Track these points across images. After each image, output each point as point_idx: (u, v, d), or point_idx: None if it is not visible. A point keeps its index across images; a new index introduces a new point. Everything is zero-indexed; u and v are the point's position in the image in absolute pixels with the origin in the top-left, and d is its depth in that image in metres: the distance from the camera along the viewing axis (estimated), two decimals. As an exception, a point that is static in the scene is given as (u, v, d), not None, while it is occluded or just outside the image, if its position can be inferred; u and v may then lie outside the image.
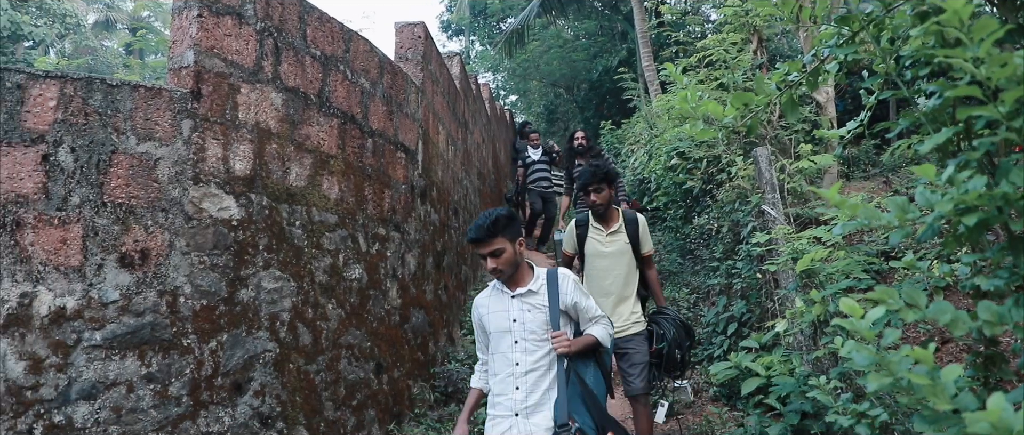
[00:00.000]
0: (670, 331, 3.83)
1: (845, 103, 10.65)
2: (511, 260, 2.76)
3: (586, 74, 18.74)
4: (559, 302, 2.77)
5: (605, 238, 3.99)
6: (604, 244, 3.98)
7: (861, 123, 2.49)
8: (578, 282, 2.86)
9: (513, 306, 2.80)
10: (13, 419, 2.71)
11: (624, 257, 3.93)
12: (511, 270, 2.78)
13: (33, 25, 18.66)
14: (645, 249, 4.00)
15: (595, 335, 2.82)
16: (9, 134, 2.85)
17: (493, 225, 2.70)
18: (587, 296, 2.89)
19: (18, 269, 2.81)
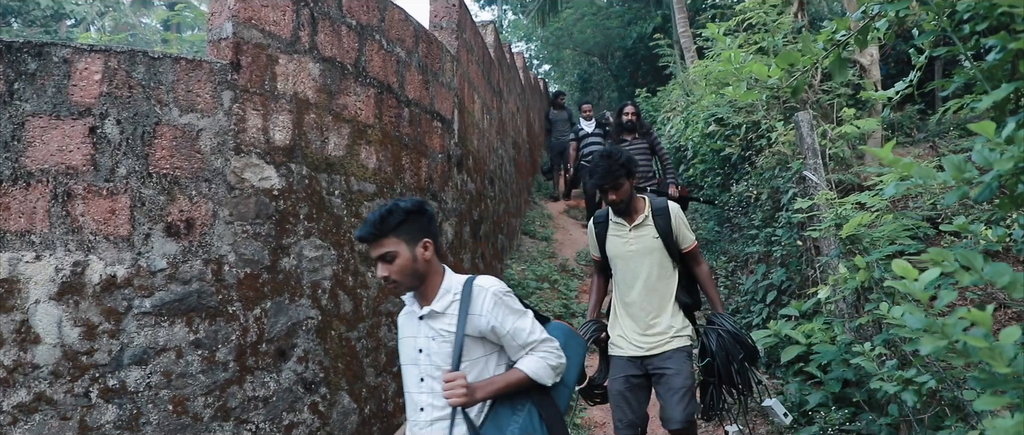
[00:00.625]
0: (714, 342, 3.21)
1: (887, 67, 10.35)
2: (408, 268, 2.09)
3: (620, 41, 18.48)
4: (466, 326, 2.08)
5: (628, 234, 3.31)
6: (627, 241, 3.30)
7: (910, 83, 2.42)
8: (502, 296, 2.15)
9: (421, 331, 2.17)
10: (70, 383, 2.82)
11: (653, 255, 3.26)
12: (410, 281, 2.12)
13: (74, 3, 18.99)
14: (684, 243, 3.32)
15: (524, 371, 2.14)
16: (58, 108, 2.92)
17: (382, 221, 2.07)
18: (519, 314, 2.17)
19: (70, 239, 2.89)
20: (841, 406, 3.62)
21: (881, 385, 2.48)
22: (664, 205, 3.30)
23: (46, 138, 2.90)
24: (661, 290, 3.26)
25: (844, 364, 3.61)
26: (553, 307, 6.30)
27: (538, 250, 8.37)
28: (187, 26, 23.95)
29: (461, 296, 2.13)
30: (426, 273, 2.14)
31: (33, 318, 2.83)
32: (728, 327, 3.23)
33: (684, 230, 3.31)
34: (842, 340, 3.65)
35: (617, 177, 3.17)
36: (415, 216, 2.12)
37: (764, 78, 1.99)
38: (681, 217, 3.31)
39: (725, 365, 3.17)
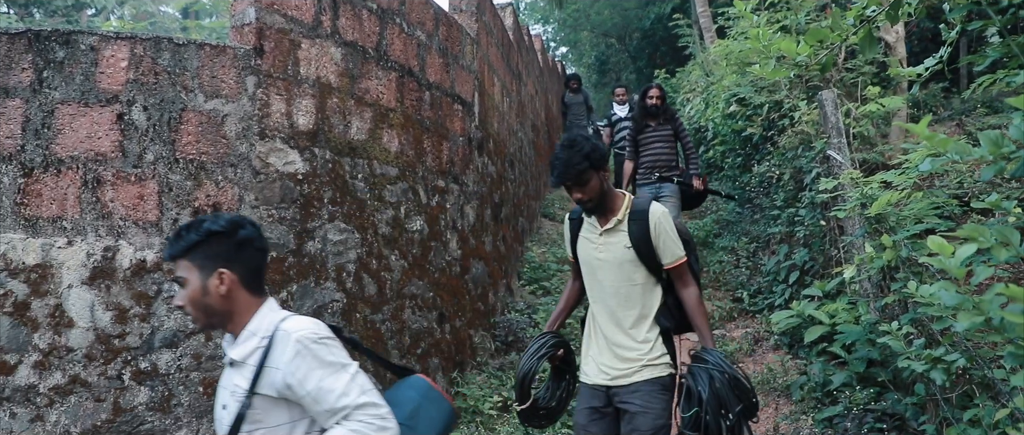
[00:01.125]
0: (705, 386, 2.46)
1: (911, 45, 10.18)
2: (196, 301, 1.66)
3: (638, 22, 18.32)
4: (259, 382, 1.62)
5: (598, 238, 2.71)
6: (597, 247, 2.71)
7: (940, 59, 2.38)
8: (309, 344, 1.61)
9: (228, 382, 1.73)
10: (104, 365, 2.88)
11: (623, 268, 2.65)
12: (200, 317, 1.69)
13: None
14: (667, 258, 2.64)
15: None
16: (86, 95, 2.96)
17: (176, 239, 1.67)
18: (332, 369, 1.63)
19: (101, 224, 2.94)
20: (866, 386, 3.60)
21: (909, 364, 2.46)
22: (645, 208, 2.65)
23: (75, 125, 2.95)
24: (633, 309, 2.67)
25: (869, 344, 3.59)
26: (574, 289, 6.31)
27: (558, 232, 8.37)
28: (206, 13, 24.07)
29: (267, 342, 1.64)
30: (224, 310, 1.67)
31: (66, 302, 2.88)
32: (725, 368, 2.50)
33: (667, 241, 2.64)
34: (867, 320, 3.62)
35: (580, 171, 2.57)
36: (217, 239, 1.66)
37: (792, 55, 1.97)
38: (665, 225, 2.64)
39: (715, 419, 2.44)
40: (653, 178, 6.29)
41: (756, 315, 5.63)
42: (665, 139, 6.41)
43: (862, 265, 3.37)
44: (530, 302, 5.85)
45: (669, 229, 2.65)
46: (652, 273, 2.68)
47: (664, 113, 6.42)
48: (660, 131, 6.42)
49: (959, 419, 2.60)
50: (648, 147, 6.42)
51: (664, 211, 2.67)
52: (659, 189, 6.29)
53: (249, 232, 1.71)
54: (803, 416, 3.85)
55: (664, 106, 6.44)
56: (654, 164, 6.29)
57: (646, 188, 6.37)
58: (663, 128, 6.43)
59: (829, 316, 3.61)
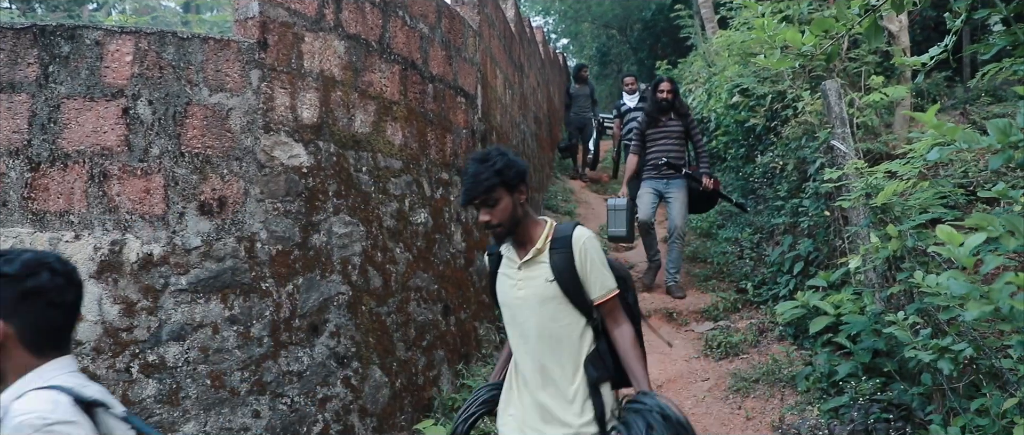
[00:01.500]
0: (639, 429, 2.05)
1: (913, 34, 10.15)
2: None
3: (639, 13, 18.29)
4: None
5: (516, 273, 2.27)
6: (515, 284, 2.27)
7: (945, 48, 2.37)
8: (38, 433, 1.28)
9: None
10: (112, 358, 2.89)
11: (546, 307, 2.21)
12: None
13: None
14: (596, 291, 2.22)
15: None
16: (91, 89, 2.96)
17: None
18: None
19: (107, 218, 2.95)
20: (871, 376, 3.61)
21: (915, 354, 2.47)
22: (568, 233, 2.23)
23: (81, 120, 2.95)
24: (563, 358, 2.24)
25: (874, 334, 3.60)
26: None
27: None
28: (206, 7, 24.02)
29: None
30: None
31: (74, 296, 2.89)
32: (667, 412, 2.08)
33: (596, 271, 2.22)
34: (872, 310, 3.63)
35: (489, 188, 2.15)
36: (2, 283, 1.40)
37: (797, 45, 1.97)
38: (592, 252, 2.22)
39: None
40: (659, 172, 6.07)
41: (760, 306, 5.64)
42: (674, 135, 6.16)
43: (867, 255, 3.37)
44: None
45: (597, 256, 2.24)
46: (582, 312, 2.24)
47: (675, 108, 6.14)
48: (669, 126, 6.15)
49: (966, 409, 2.61)
50: (655, 143, 6.18)
51: (590, 236, 2.25)
52: (666, 185, 6.08)
53: (42, 281, 1.42)
54: (809, 407, 3.86)
55: (675, 100, 6.16)
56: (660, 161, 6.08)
57: (650, 183, 6.14)
58: (673, 123, 6.16)
59: (834, 306, 3.61)
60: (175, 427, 2.93)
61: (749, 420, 4.05)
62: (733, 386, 4.44)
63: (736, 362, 4.85)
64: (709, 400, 4.39)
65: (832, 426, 3.45)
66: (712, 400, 4.39)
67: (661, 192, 6.18)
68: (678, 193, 6.10)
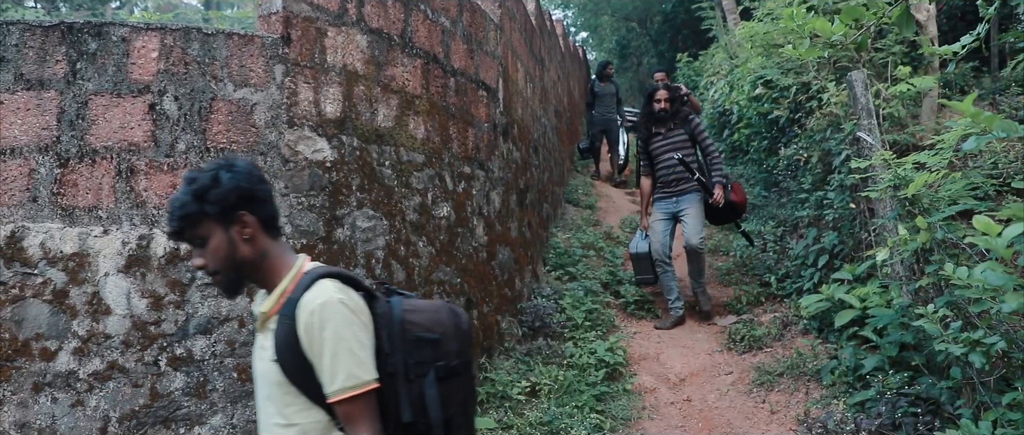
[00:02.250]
0: None
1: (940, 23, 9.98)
2: None
3: (659, 6, 18.14)
4: None
5: (259, 337, 1.69)
6: (258, 352, 1.69)
7: (977, 37, 2.33)
8: None
9: None
10: (141, 351, 2.93)
11: (273, 398, 1.63)
12: None
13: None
14: (330, 384, 1.53)
15: None
16: (118, 86, 3.00)
17: None
18: None
19: (135, 213, 2.99)
20: (899, 370, 3.57)
21: (945, 347, 2.43)
22: (297, 296, 1.57)
23: (108, 116, 2.99)
24: None
25: (902, 327, 3.55)
26: (600, 274, 6.31)
27: (582, 218, 8.36)
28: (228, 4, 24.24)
29: None
30: None
31: (103, 290, 2.94)
32: None
33: (328, 358, 1.52)
34: (899, 303, 3.59)
35: (189, 219, 1.58)
36: None
37: (827, 34, 1.94)
38: (325, 328, 1.52)
39: None
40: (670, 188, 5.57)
41: (784, 300, 5.59)
42: (680, 146, 5.59)
43: (895, 247, 3.32)
44: (556, 288, 5.85)
45: (333, 332, 1.52)
46: (325, 410, 1.59)
47: (675, 117, 5.65)
48: (672, 137, 5.62)
49: (997, 403, 2.56)
50: (661, 158, 5.63)
51: (329, 301, 1.54)
52: (677, 202, 5.58)
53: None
54: (834, 400, 3.82)
55: (675, 109, 5.67)
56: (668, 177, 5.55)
57: (661, 206, 5.63)
58: (675, 133, 5.63)
59: (860, 300, 3.57)
60: (203, 419, 2.97)
61: (773, 414, 4.02)
62: (757, 380, 4.41)
63: (760, 355, 4.82)
64: (733, 393, 4.37)
65: (858, 420, 3.42)
66: (736, 393, 4.36)
67: (673, 212, 5.63)
68: (691, 208, 5.51)
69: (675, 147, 5.56)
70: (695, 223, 5.51)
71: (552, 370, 4.41)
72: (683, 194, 5.55)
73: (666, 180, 5.61)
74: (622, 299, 5.94)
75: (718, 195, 5.43)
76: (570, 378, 4.33)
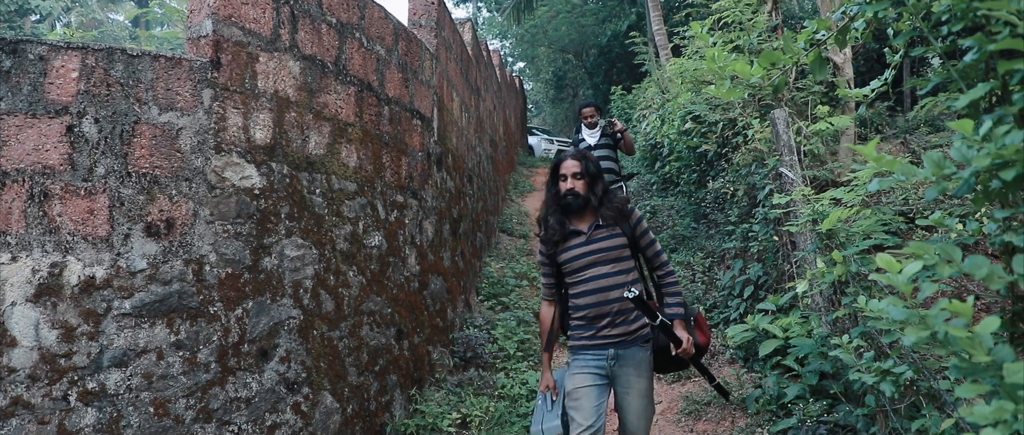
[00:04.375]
0: None
1: (857, 64, 10.56)
2: None
3: (595, 39, 18.59)
4: None
5: None
6: None
7: (885, 82, 2.47)
8: None
9: None
10: (49, 386, 2.77)
11: None
12: None
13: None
14: None
15: None
16: (33, 106, 2.87)
17: None
18: None
19: (47, 239, 2.85)
20: (818, 398, 3.69)
21: (859, 376, 2.53)
22: None
23: (22, 137, 2.86)
24: None
25: (821, 357, 3.68)
26: (532, 304, 6.33)
27: (516, 247, 8.40)
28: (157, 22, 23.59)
29: None
30: None
31: (9, 321, 2.78)
32: None
33: None
34: (819, 333, 3.72)
35: None
36: None
37: (746, 77, 2.03)
38: None
39: None
40: (603, 336, 2.90)
41: (712, 329, 5.72)
42: (614, 254, 2.97)
43: (814, 280, 3.45)
44: (489, 318, 5.84)
45: None
46: None
47: (606, 205, 3.00)
48: (600, 239, 2.97)
49: (908, 429, 2.68)
50: (581, 276, 2.95)
51: None
52: (615, 360, 2.91)
53: None
54: (759, 429, 3.92)
55: (601, 191, 3.03)
56: (601, 310, 2.91)
57: (589, 357, 2.94)
58: (604, 232, 2.98)
59: (783, 330, 3.68)
60: (115, 457, 2.83)
61: (701, 443, 4.09)
62: (685, 409, 4.48)
63: (688, 385, 4.91)
64: (661, 423, 4.43)
65: (781, 448, 3.50)
66: (665, 423, 4.42)
67: (606, 373, 2.94)
68: (636, 379, 2.93)
69: (609, 257, 2.95)
70: (641, 406, 2.95)
71: (483, 401, 4.38)
72: (626, 345, 2.96)
73: (596, 315, 2.95)
74: (555, 328, 5.97)
75: (686, 343, 2.89)
76: (501, 409, 4.31)
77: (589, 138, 6.80)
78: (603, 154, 6.58)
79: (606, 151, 6.64)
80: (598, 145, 6.65)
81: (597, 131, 6.75)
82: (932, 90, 2.21)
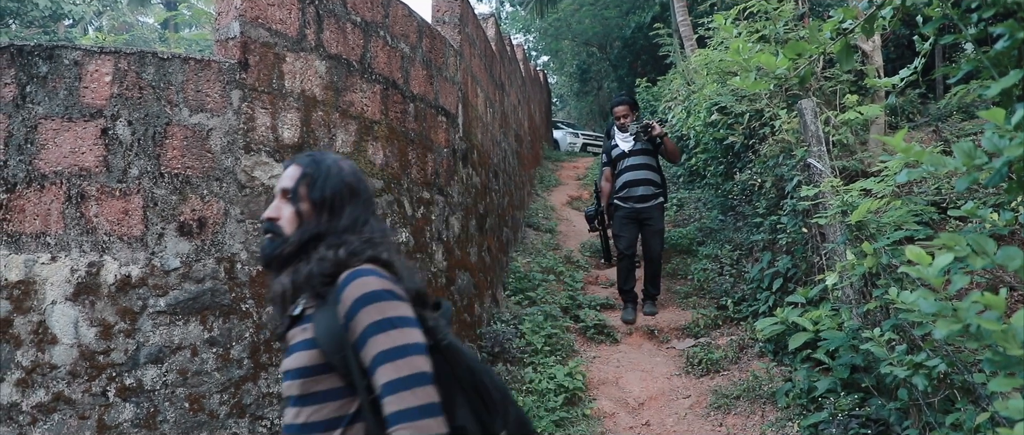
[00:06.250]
0: None
1: (887, 51, 10.37)
2: None
3: (619, 31, 18.48)
4: None
5: None
6: None
7: (915, 70, 2.44)
8: None
9: None
10: (88, 382, 2.85)
11: None
12: None
13: (73, 4, 18.97)
14: None
15: None
16: (69, 110, 2.94)
17: None
18: None
19: (85, 240, 2.92)
20: (850, 392, 3.65)
21: (891, 370, 2.51)
22: None
23: (59, 140, 2.93)
24: None
25: (852, 350, 3.64)
26: (560, 299, 6.34)
27: (542, 242, 8.40)
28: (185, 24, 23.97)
29: None
30: None
31: (50, 319, 2.86)
32: None
33: None
34: (850, 326, 3.67)
35: None
36: None
37: (772, 68, 2.01)
38: None
39: None
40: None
41: (741, 322, 5.68)
42: (298, 392, 1.51)
43: (844, 272, 3.42)
44: (516, 312, 5.86)
45: None
46: None
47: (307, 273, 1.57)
48: (292, 351, 1.58)
49: (941, 423, 2.64)
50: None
51: None
52: None
53: None
54: (789, 423, 3.89)
55: (312, 236, 1.61)
56: None
57: None
58: (300, 333, 1.56)
59: (813, 322, 3.64)
60: (153, 451, 2.90)
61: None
62: (714, 403, 4.46)
63: (717, 379, 4.88)
64: (690, 417, 4.41)
65: (812, 442, 3.48)
66: (693, 417, 4.41)
67: None
68: None
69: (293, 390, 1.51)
70: None
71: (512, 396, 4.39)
72: None
73: None
74: (581, 323, 5.97)
75: None
76: (529, 404, 4.33)
77: (622, 143, 6.03)
78: (641, 162, 5.89)
79: (644, 159, 5.90)
80: (634, 150, 5.93)
81: (631, 135, 5.99)
82: (963, 77, 2.17)
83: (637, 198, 5.88)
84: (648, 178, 5.93)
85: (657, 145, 5.99)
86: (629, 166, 5.93)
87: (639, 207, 5.88)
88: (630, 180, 5.89)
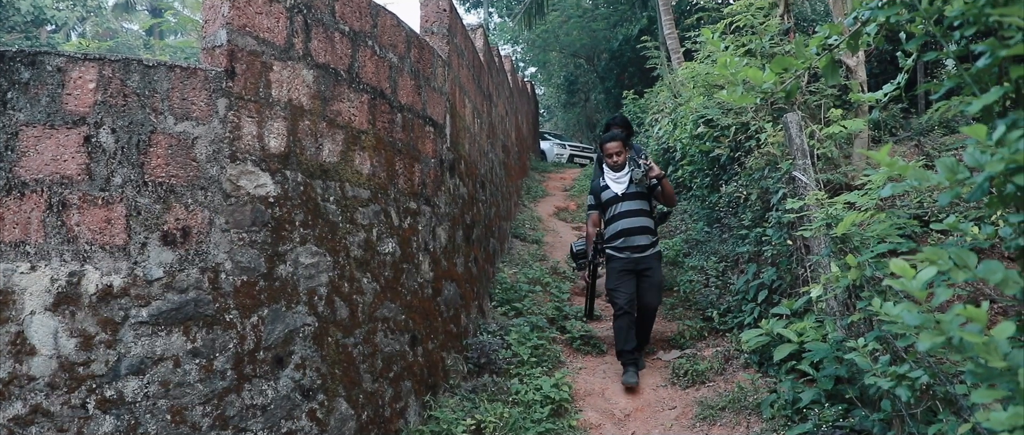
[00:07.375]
0: None
1: (870, 66, 10.50)
2: None
3: (606, 44, 18.59)
4: None
5: None
6: None
7: (898, 86, 2.46)
8: None
9: None
10: (67, 394, 2.81)
11: None
12: None
13: (55, 9, 18.84)
14: None
15: None
16: (52, 117, 2.91)
17: None
18: None
19: (66, 249, 2.89)
20: (834, 403, 3.67)
21: (875, 381, 2.52)
22: None
23: (40, 148, 2.90)
24: None
25: (836, 361, 3.66)
26: (546, 310, 6.33)
27: (529, 253, 8.40)
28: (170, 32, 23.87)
29: None
30: None
31: (28, 329, 2.82)
32: None
33: None
34: (834, 338, 3.70)
35: None
36: None
37: (758, 82, 2.02)
38: None
39: None
40: None
41: (726, 334, 5.70)
42: None
43: (828, 284, 3.44)
44: (502, 323, 5.85)
45: None
46: None
47: None
48: None
49: (924, 434, 2.66)
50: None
51: None
52: None
53: None
54: (774, 433, 3.90)
55: None
56: None
57: None
58: None
59: (797, 334, 3.66)
60: (133, 463, 2.85)
61: (715, 448, 4.07)
62: (700, 414, 4.47)
63: (703, 390, 4.89)
64: (676, 428, 4.41)
65: (796, 454, 3.49)
66: (679, 428, 4.41)
67: None
68: None
69: None
70: None
71: (497, 407, 4.38)
72: None
73: None
74: (568, 334, 5.97)
75: None
76: (515, 415, 4.31)
77: (614, 185, 5.39)
78: (637, 207, 5.33)
79: (640, 204, 5.34)
80: (628, 193, 5.35)
81: (626, 173, 5.37)
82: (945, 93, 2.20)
83: (635, 248, 5.28)
84: (645, 225, 5.35)
85: (653, 188, 5.36)
86: (624, 212, 5.33)
87: (636, 257, 5.28)
88: (627, 228, 5.29)
